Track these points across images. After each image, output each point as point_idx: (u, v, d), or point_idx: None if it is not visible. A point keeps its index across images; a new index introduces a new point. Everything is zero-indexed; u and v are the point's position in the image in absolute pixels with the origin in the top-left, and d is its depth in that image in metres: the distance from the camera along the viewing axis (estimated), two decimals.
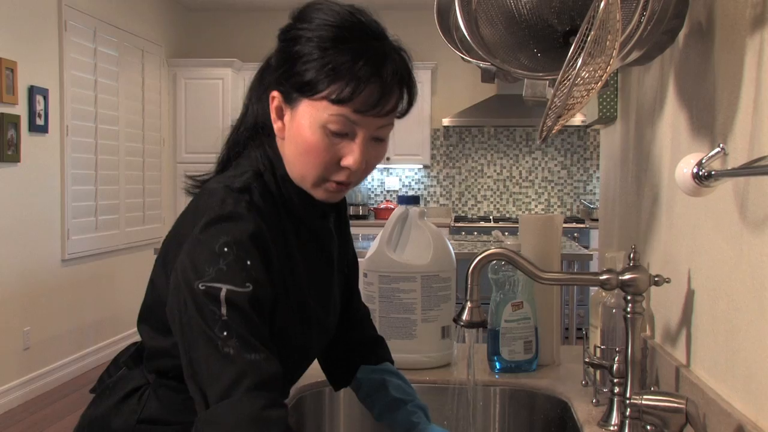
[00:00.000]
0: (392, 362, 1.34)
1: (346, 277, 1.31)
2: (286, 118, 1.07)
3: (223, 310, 0.96)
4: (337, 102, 1.00)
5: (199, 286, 0.97)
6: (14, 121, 4.32)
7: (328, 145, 1.03)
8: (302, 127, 1.03)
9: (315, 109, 1.02)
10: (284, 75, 1.05)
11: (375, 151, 1.06)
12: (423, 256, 1.48)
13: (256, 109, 1.14)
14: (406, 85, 1.05)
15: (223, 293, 0.96)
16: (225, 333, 0.96)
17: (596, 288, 1.23)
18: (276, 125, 1.09)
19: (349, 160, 1.03)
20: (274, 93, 1.07)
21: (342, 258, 1.27)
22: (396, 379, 1.28)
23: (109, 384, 1.20)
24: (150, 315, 1.13)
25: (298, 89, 1.03)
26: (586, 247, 5.70)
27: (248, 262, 0.98)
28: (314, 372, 1.38)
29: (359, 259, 1.36)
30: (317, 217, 1.14)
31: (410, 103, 1.07)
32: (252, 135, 1.15)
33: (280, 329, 1.06)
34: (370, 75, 1.00)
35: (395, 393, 1.24)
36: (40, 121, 4.58)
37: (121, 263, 5.66)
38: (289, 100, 1.05)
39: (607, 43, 0.89)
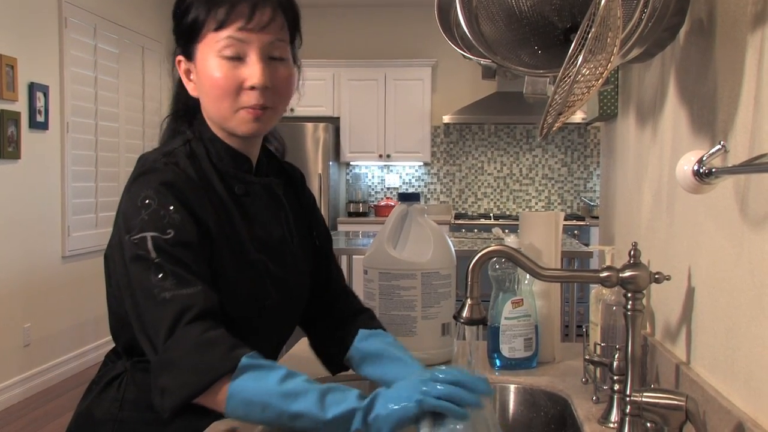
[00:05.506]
0: (385, 330, 1.31)
1: (319, 248, 1.35)
2: (193, 75, 1.17)
3: (153, 254, 1.04)
4: (219, 27, 1.10)
5: (130, 239, 1.05)
6: (14, 117, 4.32)
7: (228, 72, 1.11)
8: (205, 69, 1.13)
9: (207, 46, 1.12)
10: (178, 35, 1.16)
11: (278, 72, 1.14)
12: (423, 253, 1.48)
13: (174, 97, 1.24)
14: (280, 2, 1.14)
15: (149, 240, 1.05)
16: (160, 275, 1.04)
17: (596, 285, 1.23)
18: (189, 87, 1.18)
19: (252, 78, 1.11)
20: (178, 57, 1.17)
21: (303, 226, 1.31)
22: (392, 340, 1.25)
23: (95, 380, 1.23)
24: (110, 282, 1.20)
25: (188, 37, 1.14)
26: (587, 245, 5.69)
27: (171, 207, 1.07)
28: (314, 371, 1.38)
29: (360, 257, 1.37)
30: (246, 170, 1.21)
31: (293, 22, 1.17)
32: (179, 117, 1.23)
33: (221, 273, 1.12)
34: None
35: (398, 353, 1.20)
36: (40, 118, 4.58)
37: None
38: (189, 54, 1.16)
39: (608, 40, 0.89)
